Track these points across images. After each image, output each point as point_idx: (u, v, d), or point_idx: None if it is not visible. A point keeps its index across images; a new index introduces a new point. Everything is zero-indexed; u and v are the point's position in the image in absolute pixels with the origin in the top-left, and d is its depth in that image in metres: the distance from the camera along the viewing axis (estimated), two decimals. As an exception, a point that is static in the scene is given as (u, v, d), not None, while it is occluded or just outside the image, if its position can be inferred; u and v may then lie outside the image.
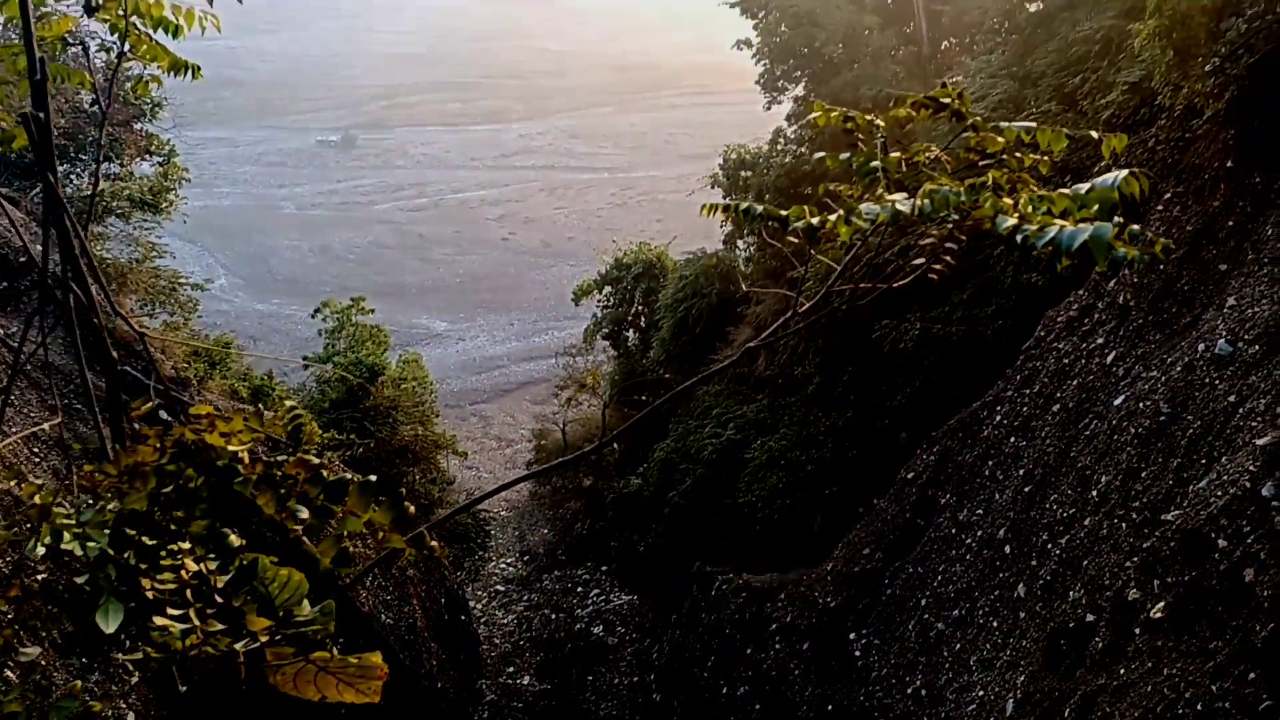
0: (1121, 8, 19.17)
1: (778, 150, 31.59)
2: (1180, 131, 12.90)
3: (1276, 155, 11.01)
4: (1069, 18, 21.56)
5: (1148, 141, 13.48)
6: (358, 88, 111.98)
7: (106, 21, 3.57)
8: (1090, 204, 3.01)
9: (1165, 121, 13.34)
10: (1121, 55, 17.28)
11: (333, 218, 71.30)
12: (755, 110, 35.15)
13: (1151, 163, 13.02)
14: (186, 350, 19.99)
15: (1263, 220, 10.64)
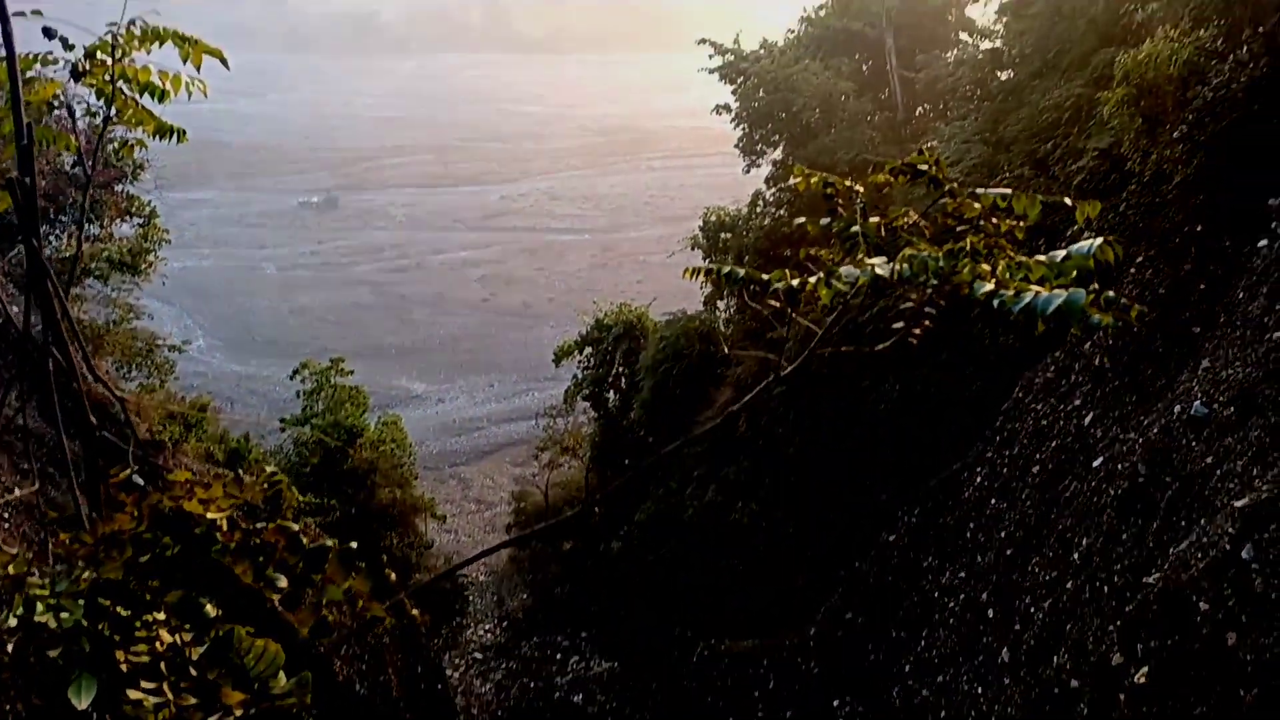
0: (1090, 77, 19.66)
1: (757, 213, 31.97)
2: (1150, 196, 13.16)
3: (1245, 220, 11.24)
4: (1039, 86, 22.09)
5: (1119, 206, 13.74)
6: (340, 150, 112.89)
7: (93, 86, 3.60)
8: (1066, 271, 3.06)
9: (1135, 186, 13.62)
10: (1091, 122, 17.68)
11: (313, 279, 71.30)
12: (734, 173, 35.63)
13: (1123, 227, 13.26)
14: (162, 413, 19.81)
15: (1234, 284, 10.82)
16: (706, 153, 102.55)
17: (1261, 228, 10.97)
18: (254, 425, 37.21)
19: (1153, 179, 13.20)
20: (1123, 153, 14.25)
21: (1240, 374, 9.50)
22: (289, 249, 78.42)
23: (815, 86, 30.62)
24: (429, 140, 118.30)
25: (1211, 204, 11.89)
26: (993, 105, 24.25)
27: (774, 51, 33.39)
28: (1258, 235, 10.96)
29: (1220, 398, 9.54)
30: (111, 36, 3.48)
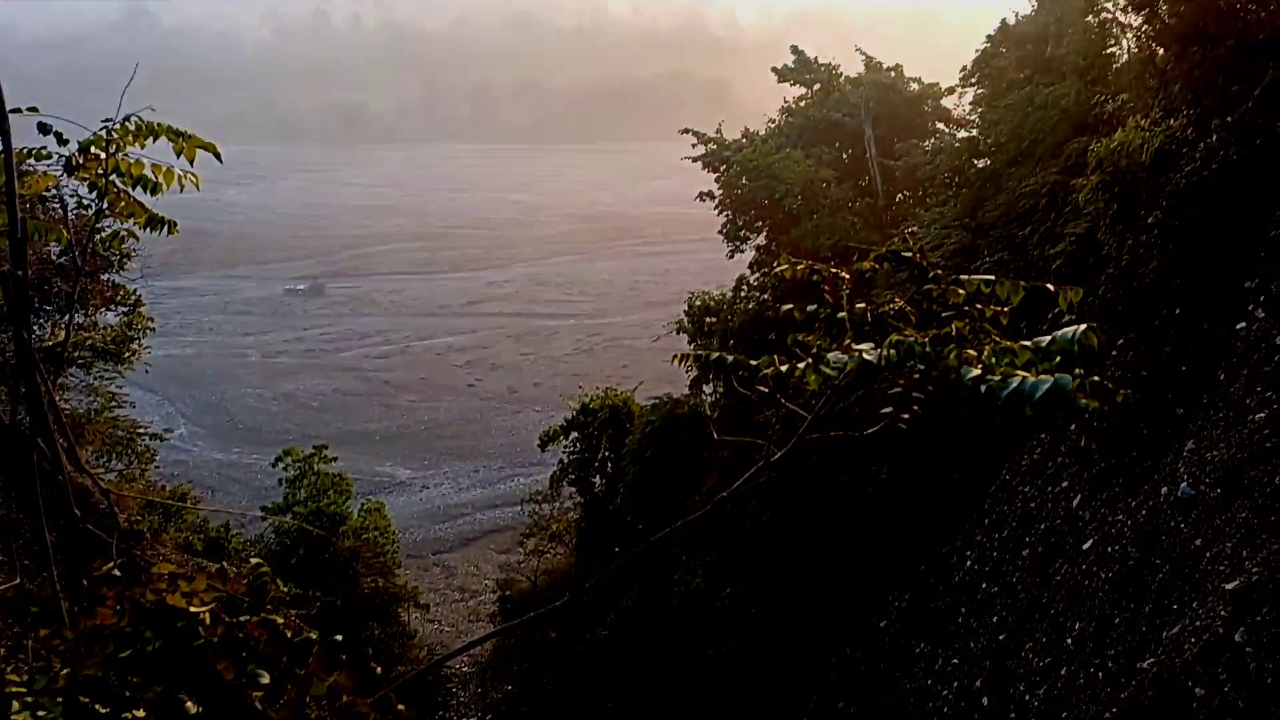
0: (1064, 164, 20.13)
1: (741, 297, 32.29)
2: (1129, 280, 13.37)
3: (1223, 303, 11.42)
4: (1015, 173, 22.58)
5: (1098, 289, 13.94)
6: (328, 237, 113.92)
7: (85, 180, 3.64)
8: (1051, 355, 3.10)
9: (1113, 270, 13.85)
10: (1067, 208, 18.05)
11: (298, 365, 71.20)
12: (719, 258, 36.08)
13: (1103, 310, 13.44)
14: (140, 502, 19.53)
15: (1215, 366, 10.93)
16: (691, 239, 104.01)
17: (1239, 310, 11.14)
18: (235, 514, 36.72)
19: (1130, 263, 13.43)
20: (1099, 238, 14.53)
21: (1225, 455, 9.54)
22: (274, 336, 78.48)
23: (797, 174, 31.24)
24: (416, 228, 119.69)
25: (1189, 287, 12.08)
26: (971, 192, 24.74)
27: (756, 140, 34.16)
28: (1235, 318, 11.12)
29: (1206, 479, 9.55)
30: (106, 132, 3.54)
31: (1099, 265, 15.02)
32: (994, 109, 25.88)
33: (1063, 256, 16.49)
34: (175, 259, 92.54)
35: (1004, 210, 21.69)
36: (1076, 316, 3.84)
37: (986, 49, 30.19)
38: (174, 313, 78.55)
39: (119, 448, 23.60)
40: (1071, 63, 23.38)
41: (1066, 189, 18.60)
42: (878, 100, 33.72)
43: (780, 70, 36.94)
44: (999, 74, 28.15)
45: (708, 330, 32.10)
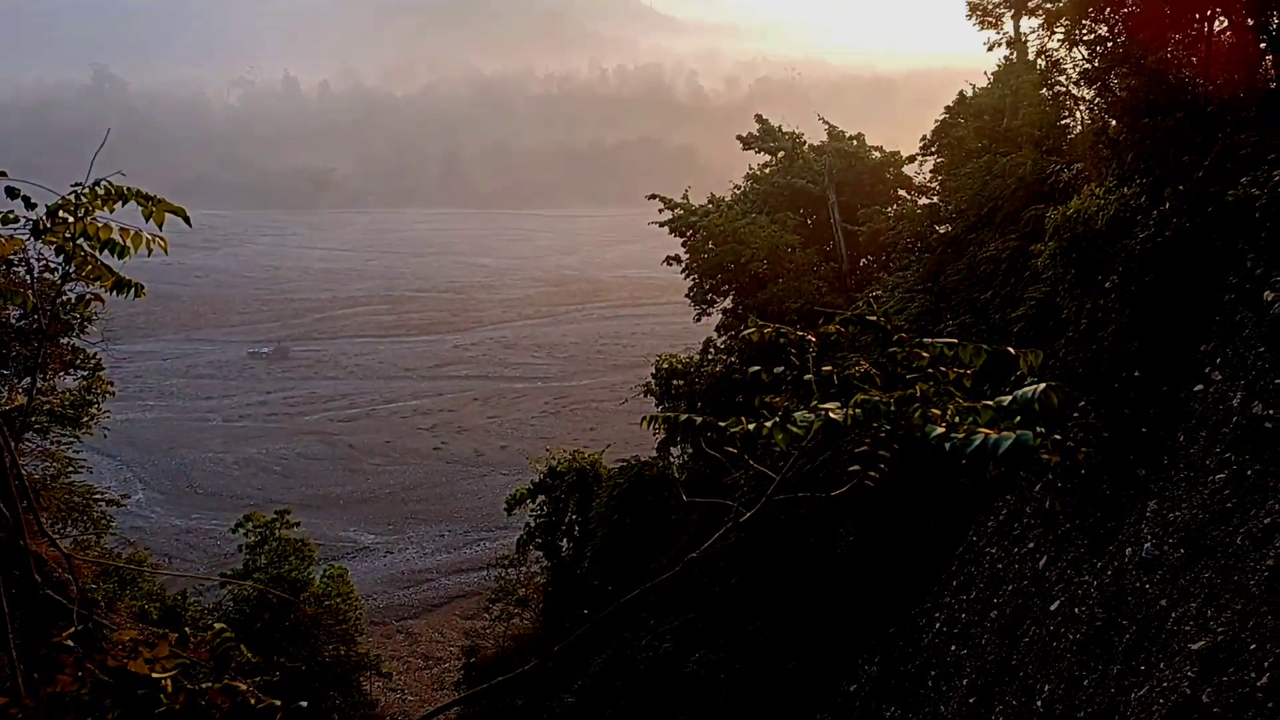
0: (1022, 231, 20.58)
1: (709, 360, 32.46)
2: (1088, 344, 13.62)
3: (1180, 365, 11.64)
4: (975, 239, 23.05)
5: (1058, 352, 14.18)
6: (293, 301, 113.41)
7: (53, 244, 3.63)
8: (1013, 414, 3.16)
9: (1073, 334, 14.10)
10: (1027, 273, 18.42)
11: (260, 429, 70.30)
12: (685, 321, 36.33)
13: (1064, 373, 13.65)
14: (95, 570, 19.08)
15: (1175, 427, 11.11)
16: (658, 302, 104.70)
17: (1196, 373, 11.36)
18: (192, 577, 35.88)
19: (1089, 327, 13.70)
20: (1058, 301, 14.82)
21: (1187, 515, 9.65)
22: (236, 399, 77.57)
23: (762, 239, 31.68)
24: (383, 291, 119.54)
25: (1147, 351, 12.32)
26: (933, 257, 25.19)
27: (722, 206, 34.67)
28: (1193, 380, 11.34)
29: (1170, 540, 9.65)
30: (75, 195, 3.54)
31: (1059, 328, 15.30)
32: (954, 177, 26.50)
33: (1023, 320, 16.79)
34: (137, 322, 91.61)
35: (965, 275, 22.10)
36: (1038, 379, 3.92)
37: (945, 119, 31.02)
38: (134, 376, 77.50)
39: (75, 514, 23.09)
40: (1027, 133, 24.05)
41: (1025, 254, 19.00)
42: (841, 167, 34.41)
43: (745, 138, 37.68)
44: (958, 143, 28.88)
45: (675, 393, 32.18)
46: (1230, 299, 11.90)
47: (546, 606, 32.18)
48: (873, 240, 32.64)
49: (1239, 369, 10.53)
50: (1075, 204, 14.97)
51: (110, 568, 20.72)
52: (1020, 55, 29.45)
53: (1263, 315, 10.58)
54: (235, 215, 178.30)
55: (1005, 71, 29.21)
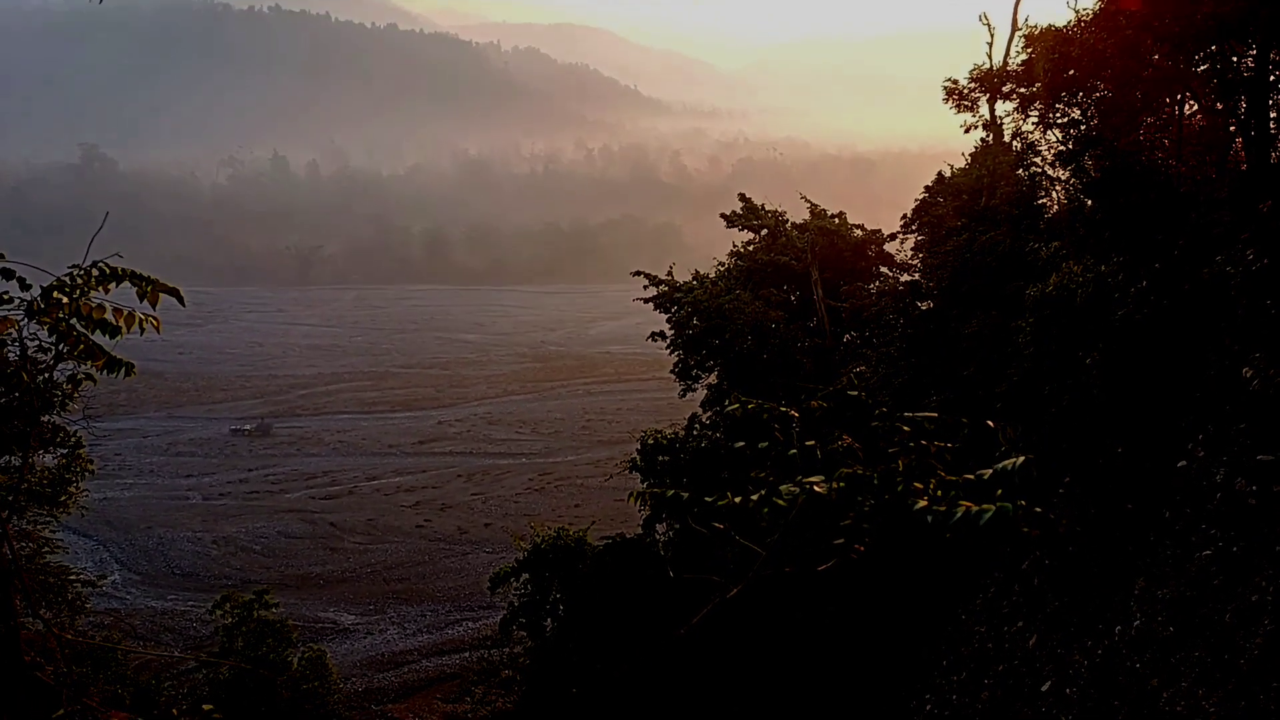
0: (1003, 307, 20.87)
1: (694, 435, 32.44)
2: (1071, 418, 13.73)
3: (1163, 441, 11.74)
4: (957, 315, 23.34)
5: (1041, 426, 14.28)
6: (276, 377, 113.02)
7: (46, 324, 3.66)
8: (994, 488, 3.20)
9: (1055, 409, 14.22)
10: (1008, 348, 18.62)
11: (240, 507, 69.41)
12: (671, 397, 36.41)
13: (1047, 447, 13.73)
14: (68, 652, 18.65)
15: (1160, 504, 11.15)
16: (642, 377, 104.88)
17: (1179, 449, 11.45)
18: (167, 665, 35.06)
19: (1071, 402, 13.82)
20: (1040, 377, 14.97)
21: (1175, 593, 9.64)
22: (217, 477, 76.73)
23: (747, 315, 31.98)
24: (366, 367, 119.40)
25: (1128, 426, 12.43)
26: (915, 332, 25.47)
27: (706, 282, 35.06)
28: (1176, 456, 11.42)
29: (1159, 617, 9.62)
30: (70, 277, 3.59)
31: (1041, 403, 15.42)
32: (934, 254, 26.94)
33: (1005, 395, 16.92)
34: (119, 399, 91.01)
35: (947, 350, 22.33)
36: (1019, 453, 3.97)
37: (925, 198, 31.66)
38: (114, 454, 76.63)
39: (49, 595, 22.66)
40: (1005, 212, 24.55)
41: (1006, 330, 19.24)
42: (823, 245, 34.94)
43: (729, 216, 38.27)
44: (938, 221, 29.43)
45: (660, 469, 32.08)
46: (1210, 375, 12.05)
47: (530, 688, 31.54)
48: (856, 316, 32.97)
49: (1221, 445, 10.62)
50: (1054, 281, 15.24)
51: (82, 649, 20.25)
52: (996, 137, 30.21)
53: (1242, 392, 10.72)
54: (221, 292, 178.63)
55: (982, 152, 29.92)
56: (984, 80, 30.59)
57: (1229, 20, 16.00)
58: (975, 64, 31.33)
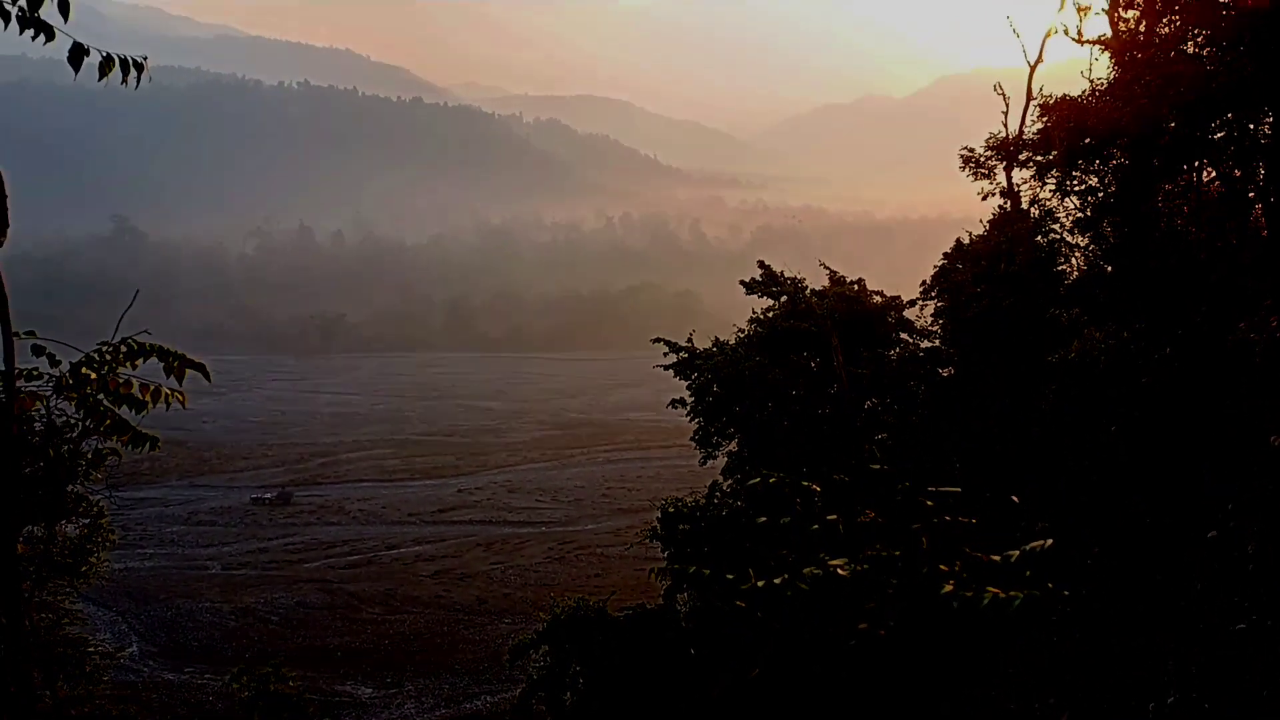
0: (1025, 374, 20.78)
1: (714, 504, 32.16)
2: (1098, 486, 13.56)
3: (1193, 510, 11.56)
4: (979, 381, 23.25)
5: (1069, 497, 14.10)
6: (298, 445, 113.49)
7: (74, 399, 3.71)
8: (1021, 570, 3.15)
9: (1079, 476, 14.05)
10: (1031, 415, 18.49)
11: (259, 578, 69.20)
12: (690, 464, 36.23)
13: (1073, 516, 13.54)
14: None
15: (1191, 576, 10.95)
16: (663, 445, 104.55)
17: (1209, 518, 11.26)
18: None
19: (1096, 470, 13.66)
20: (1064, 443, 14.83)
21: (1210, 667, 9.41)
22: (236, 546, 76.68)
23: (767, 382, 31.91)
24: (387, 435, 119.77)
25: (1157, 493, 12.26)
26: (936, 398, 25.36)
27: (726, 349, 35.07)
28: (1206, 526, 11.23)
29: (1194, 692, 9.37)
30: (98, 353, 3.65)
31: (1066, 471, 15.24)
32: (956, 320, 26.92)
33: (1029, 463, 16.75)
34: (141, 468, 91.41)
35: (969, 417, 22.18)
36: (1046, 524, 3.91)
37: (944, 265, 31.70)
38: (135, 524, 76.78)
39: (67, 668, 22.55)
40: (1024, 278, 24.56)
41: (1029, 396, 19.12)
42: (843, 311, 34.93)
43: (748, 283, 38.40)
44: (957, 288, 29.43)
45: (681, 538, 31.76)
46: (1236, 441, 11.91)
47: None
48: (876, 382, 32.84)
49: (1251, 513, 10.45)
50: (1075, 347, 15.18)
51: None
52: (1014, 204, 30.35)
53: (1270, 460, 10.57)
54: (246, 361, 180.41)
55: (1000, 219, 30.02)
56: (1000, 148, 30.82)
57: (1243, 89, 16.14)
58: (991, 132, 31.62)
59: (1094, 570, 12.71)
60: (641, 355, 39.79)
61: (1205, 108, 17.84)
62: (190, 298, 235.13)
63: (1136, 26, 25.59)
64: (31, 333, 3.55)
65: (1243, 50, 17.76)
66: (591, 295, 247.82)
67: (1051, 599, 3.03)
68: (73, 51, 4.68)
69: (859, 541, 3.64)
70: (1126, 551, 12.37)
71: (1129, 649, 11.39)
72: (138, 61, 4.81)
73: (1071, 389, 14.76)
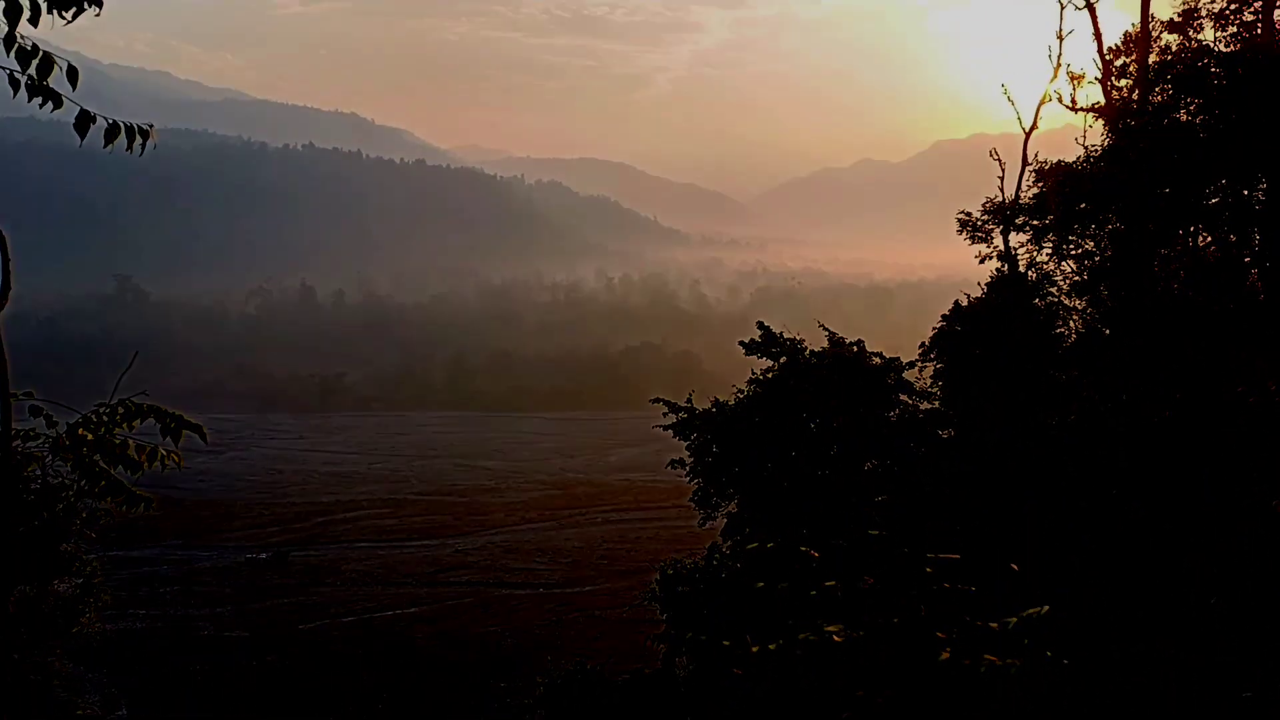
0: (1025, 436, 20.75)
1: (714, 566, 31.88)
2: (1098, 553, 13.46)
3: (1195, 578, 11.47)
4: (977, 443, 23.20)
5: (1072, 559, 14.00)
6: (295, 505, 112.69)
7: (69, 460, 3.71)
8: (1020, 637, 3.13)
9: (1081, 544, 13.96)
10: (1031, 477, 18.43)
11: (253, 639, 68.30)
12: (690, 525, 35.99)
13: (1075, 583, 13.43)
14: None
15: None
16: (662, 505, 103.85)
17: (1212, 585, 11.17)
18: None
19: (1096, 534, 13.58)
20: (1063, 507, 14.76)
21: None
22: (230, 607, 75.81)
23: (766, 443, 31.84)
24: (386, 494, 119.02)
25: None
26: (936, 460, 25.29)
27: (726, 410, 35.04)
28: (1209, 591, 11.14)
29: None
30: (95, 415, 3.66)
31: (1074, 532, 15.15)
32: (953, 382, 26.97)
33: (1030, 526, 16.65)
34: (136, 526, 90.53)
35: (969, 480, 22.10)
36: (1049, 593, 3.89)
37: (943, 327, 31.84)
38: (129, 583, 75.97)
39: (54, 731, 22.15)
40: (1023, 340, 24.66)
41: (1029, 458, 19.07)
42: (842, 373, 34.97)
43: (747, 344, 38.48)
44: (956, 350, 29.51)
45: (680, 600, 31.42)
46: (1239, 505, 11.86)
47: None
48: (876, 444, 32.75)
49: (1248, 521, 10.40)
50: (1074, 409, 15.19)
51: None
52: (1012, 267, 30.57)
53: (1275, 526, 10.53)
54: (244, 419, 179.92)
55: (998, 281, 30.22)
56: (997, 212, 31.14)
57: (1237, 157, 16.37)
58: (988, 197, 31.96)
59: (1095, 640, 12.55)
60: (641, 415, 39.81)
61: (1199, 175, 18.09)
62: (190, 356, 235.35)
63: (1129, 94, 26.05)
64: (29, 393, 3.56)
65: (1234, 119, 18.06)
66: (591, 355, 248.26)
67: (1050, 666, 3.00)
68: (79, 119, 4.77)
69: (857, 608, 3.61)
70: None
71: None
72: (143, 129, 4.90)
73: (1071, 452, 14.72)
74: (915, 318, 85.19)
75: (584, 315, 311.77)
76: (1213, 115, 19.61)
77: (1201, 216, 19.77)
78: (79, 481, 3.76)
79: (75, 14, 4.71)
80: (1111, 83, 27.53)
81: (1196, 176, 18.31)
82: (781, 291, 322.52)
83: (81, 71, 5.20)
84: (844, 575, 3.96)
